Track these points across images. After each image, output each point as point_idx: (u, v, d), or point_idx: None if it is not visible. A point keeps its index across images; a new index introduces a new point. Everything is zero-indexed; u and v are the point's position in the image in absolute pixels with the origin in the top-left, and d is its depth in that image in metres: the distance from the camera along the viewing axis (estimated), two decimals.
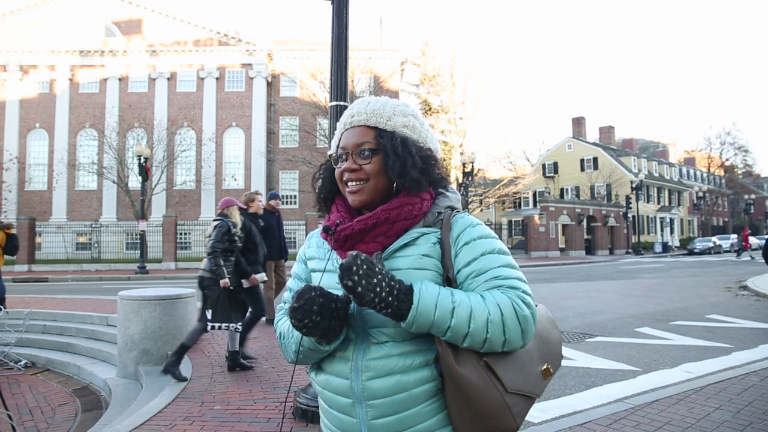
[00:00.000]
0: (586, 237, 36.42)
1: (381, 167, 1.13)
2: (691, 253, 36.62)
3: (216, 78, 31.66)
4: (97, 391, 5.76)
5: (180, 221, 26.02)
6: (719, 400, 3.97)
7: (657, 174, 51.10)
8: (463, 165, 23.63)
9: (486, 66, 41.34)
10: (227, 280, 4.93)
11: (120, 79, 31.36)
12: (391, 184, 1.15)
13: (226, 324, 4.89)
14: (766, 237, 20.96)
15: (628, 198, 37.99)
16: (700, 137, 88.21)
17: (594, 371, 5.19)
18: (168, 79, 31.49)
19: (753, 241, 34.18)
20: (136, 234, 26.66)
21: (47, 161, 30.96)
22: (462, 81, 31.57)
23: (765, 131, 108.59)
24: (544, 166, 50.78)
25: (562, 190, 48.63)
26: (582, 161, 47.90)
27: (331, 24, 3.82)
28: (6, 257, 8.48)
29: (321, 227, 1.23)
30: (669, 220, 49.58)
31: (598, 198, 43.13)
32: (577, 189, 46.51)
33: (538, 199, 40.57)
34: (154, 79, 31.49)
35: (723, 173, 61.21)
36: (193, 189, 30.91)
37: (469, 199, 26.79)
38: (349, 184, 1.15)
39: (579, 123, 52.76)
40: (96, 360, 6.57)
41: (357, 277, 0.96)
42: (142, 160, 19.95)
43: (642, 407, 3.81)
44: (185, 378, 4.74)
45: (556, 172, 49.94)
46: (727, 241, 39.83)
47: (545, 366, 1.14)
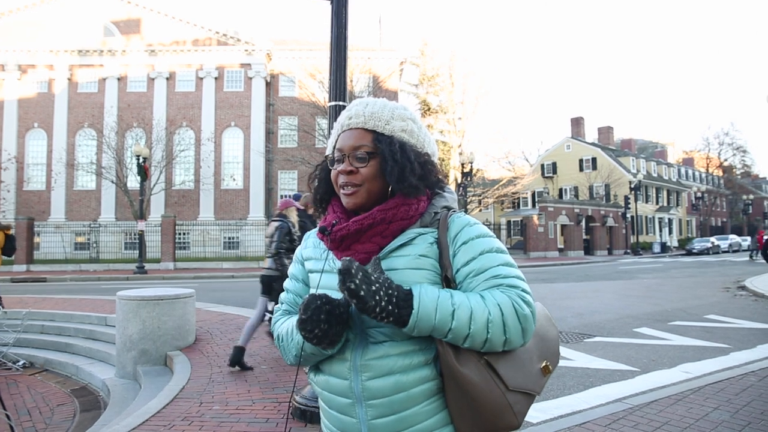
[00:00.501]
0: (584, 237, 36.45)
1: (377, 171, 1.13)
2: (690, 254, 36.66)
3: (215, 78, 31.63)
4: (96, 392, 5.75)
5: (179, 221, 26.01)
6: (718, 400, 3.97)
7: (655, 174, 51.16)
8: (462, 165, 23.66)
9: (485, 66, 41.50)
10: None
11: (119, 79, 31.32)
12: (387, 187, 1.15)
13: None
14: (766, 237, 20.97)
15: (626, 198, 38.04)
16: (698, 138, 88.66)
17: (593, 371, 5.19)
18: (167, 79, 31.46)
19: None
20: (134, 234, 26.60)
21: (46, 161, 30.90)
22: (461, 81, 31.59)
23: (763, 132, 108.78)
24: (542, 166, 50.83)
25: (560, 190, 48.66)
26: (581, 161, 47.94)
27: (330, 24, 3.81)
28: (3, 258, 8.46)
29: (317, 227, 1.23)
30: (667, 220, 49.63)
31: (596, 198, 43.16)
32: (576, 189, 46.55)
33: (536, 200, 40.63)
34: (153, 79, 31.46)
35: (721, 173, 61.30)
36: (192, 189, 30.87)
37: (468, 199, 26.79)
38: (345, 186, 1.14)
39: (578, 123, 52.80)
40: (94, 360, 6.56)
41: (358, 281, 0.96)
42: (140, 159, 19.93)
43: (640, 407, 3.81)
44: (250, 367, 5.08)
45: (554, 172, 49.98)
46: (726, 242, 39.90)
47: (544, 363, 1.15)
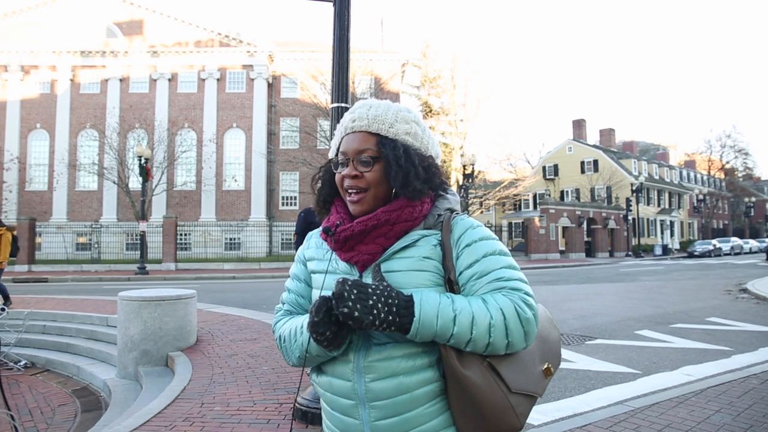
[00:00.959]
0: (586, 239, 36.39)
1: (382, 175, 1.13)
2: (691, 256, 36.59)
3: (217, 79, 31.68)
4: (97, 392, 5.75)
5: (180, 222, 26.03)
6: (719, 403, 3.96)
7: (657, 176, 51.09)
8: (464, 167, 23.64)
9: (487, 68, 41.28)
10: None
11: (121, 80, 31.38)
12: (391, 189, 1.15)
13: None
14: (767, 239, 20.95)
15: (628, 200, 37.99)
16: (700, 140, 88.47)
17: (594, 374, 5.18)
18: (169, 80, 31.51)
19: None
20: (136, 235, 26.64)
21: (48, 161, 30.95)
22: (463, 83, 31.58)
23: (765, 134, 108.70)
24: (544, 168, 50.77)
25: (562, 192, 48.60)
26: (582, 163, 47.88)
27: (333, 25, 3.82)
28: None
29: (321, 228, 1.23)
30: (669, 222, 49.53)
31: (598, 200, 43.09)
32: (578, 191, 46.48)
33: (538, 201, 40.57)
34: (155, 80, 31.51)
35: (723, 176, 61.16)
36: (194, 190, 30.89)
37: (470, 201, 26.78)
38: (350, 191, 1.14)
39: (579, 125, 52.77)
40: (96, 360, 6.57)
41: (351, 303, 0.97)
42: (142, 160, 19.97)
43: (642, 410, 3.81)
44: None
45: (556, 174, 49.92)
46: (728, 244, 39.80)
47: (546, 365, 1.15)
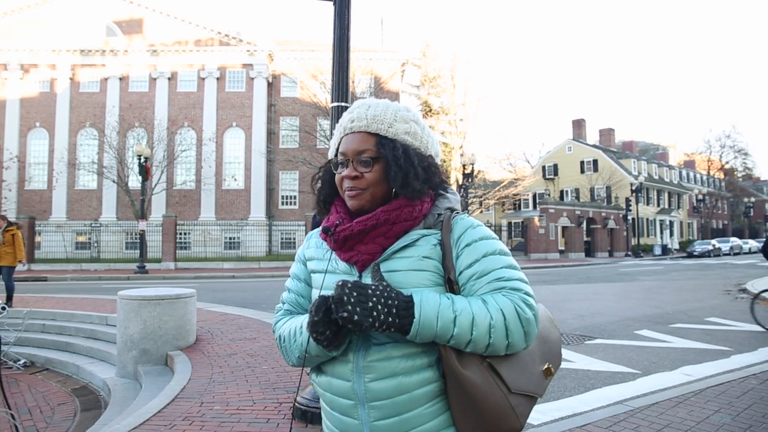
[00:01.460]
0: (585, 239, 36.41)
1: (382, 176, 1.13)
2: (691, 256, 36.61)
3: (217, 78, 31.66)
4: (96, 391, 5.75)
5: (180, 221, 26.04)
6: (719, 403, 3.97)
7: (657, 176, 51.11)
8: (464, 166, 23.64)
9: (487, 68, 41.40)
10: None
11: (121, 79, 31.35)
12: (391, 189, 1.15)
13: None
14: (765, 238, 20.99)
15: (627, 200, 38.00)
16: (700, 140, 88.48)
17: (593, 373, 5.19)
18: (169, 79, 31.49)
19: None
20: (135, 234, 26.61)
21: (47, 160, 30.93)
22: (463, 83, 31.58)
23: (765, 134, 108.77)
24: (544, 168, 50.79)
25: (561, 192, 48.62)
26: (582, 163, 47.90)
27: (333, 25, 3.81)
28: None
29: (320, 227, 1.22)
30: (668, 222, 49.55)
31: (597, 200, 43.11)
32: (577, 191, 46.50)
33: (537, 201, 40.59)
34: (154, 79, 31.49)
35: (723, 176, 61.20)
36: (193, 189, 30.88)
37: (469, 201, 26.78)
38: (350, 190, 1.14)
39: (579, 125, 52.78)
40: (95, 359, 6.56)
41: (351, 307, 0.97)
42: (142, 159, 19.96)
43: (641, 410, 3.81)
44: None
45: (556, 174, 49.94)
46: (727, 244, 39.81)
47: (546, 365, 1.15)
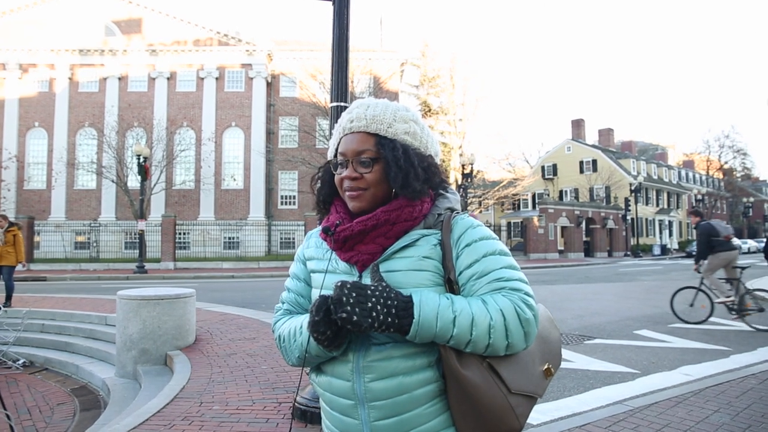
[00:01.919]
0: (584, 239, 36.44)
1: (382, 176, 1.12)
2: (690, 256, 36.53)
3: (216, 78, 31.65)
4: (96, 391, 5.74)
5: (179, 221, 26.01)
6: (718, 402, 3.97)
7: (656, 176, 51.18)
8: (463, 166, 23.66)
9: (486, 68, 41.48)
10: None
11: (120, 79, 31.34)
12: (391, 189, 1.14)
13: None
14: (765, 239, 21.03)
15: (626, 200, 38.05)
16: (699, 140, 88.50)
17: (593, 373, 5.19)
18: (168, 79, 31.48)
19: None
20: (134, 233, 26.60)
21: (46, 160, 30.92)
22: (462, 83, 31.62)
23: (764, 135, 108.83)
24: (543, 168, 50.84)
25: (561, 192, 48.66)
26: (581, 163, 47.94)
27: (332, 24, 3.81)
28: None
29: (320, 227, 1.22)
30: (668, 222, 49.61)
31: (597, 200, 43.15)
32: (576, 191, 46.54)
33: (537, 201, 40.63)
34: (153, 79, 31.48)
35: (722, 176, 61.21)
36: (192, 189, 30.88)
37: (468, 201, 26.79)
38: (350, 190, 1.14)
39: (578, 125, 52.83)
40: (94, 359, 6.56)
41: (350, 307, 0.97)
42: (141, 159, 19.94)
43: (641, 409, 3.81)
44: None
45: (555, 174, 49.98)
46: None
47: (546, 366, 1.15)
